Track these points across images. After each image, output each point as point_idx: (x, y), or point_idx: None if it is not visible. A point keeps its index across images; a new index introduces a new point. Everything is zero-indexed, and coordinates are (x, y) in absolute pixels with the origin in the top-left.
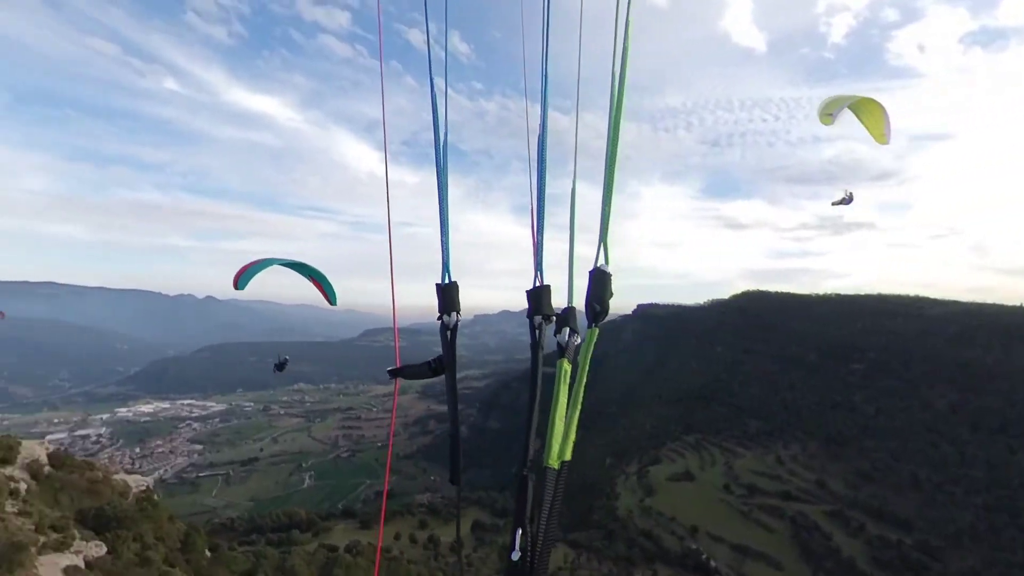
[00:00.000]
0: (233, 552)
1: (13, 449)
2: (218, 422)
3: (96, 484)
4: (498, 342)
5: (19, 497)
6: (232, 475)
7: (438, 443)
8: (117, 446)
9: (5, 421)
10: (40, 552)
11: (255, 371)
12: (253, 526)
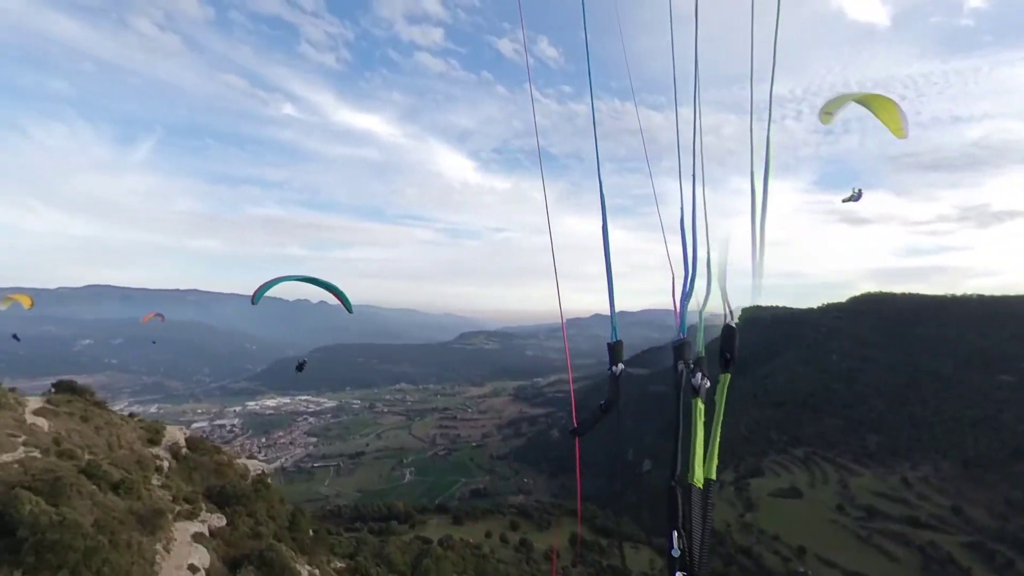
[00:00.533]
0: (338, 536)
1: (159, 433)
2: (330, 417)
3: (221, 466)
4: (591, 346)
5: (163, 473)
6: (342, 467)
7: (531, 445)
8: (247, 435)
9: (161, 409)
10: (175, 519)
11: (361, 371)
12: (357, 514)
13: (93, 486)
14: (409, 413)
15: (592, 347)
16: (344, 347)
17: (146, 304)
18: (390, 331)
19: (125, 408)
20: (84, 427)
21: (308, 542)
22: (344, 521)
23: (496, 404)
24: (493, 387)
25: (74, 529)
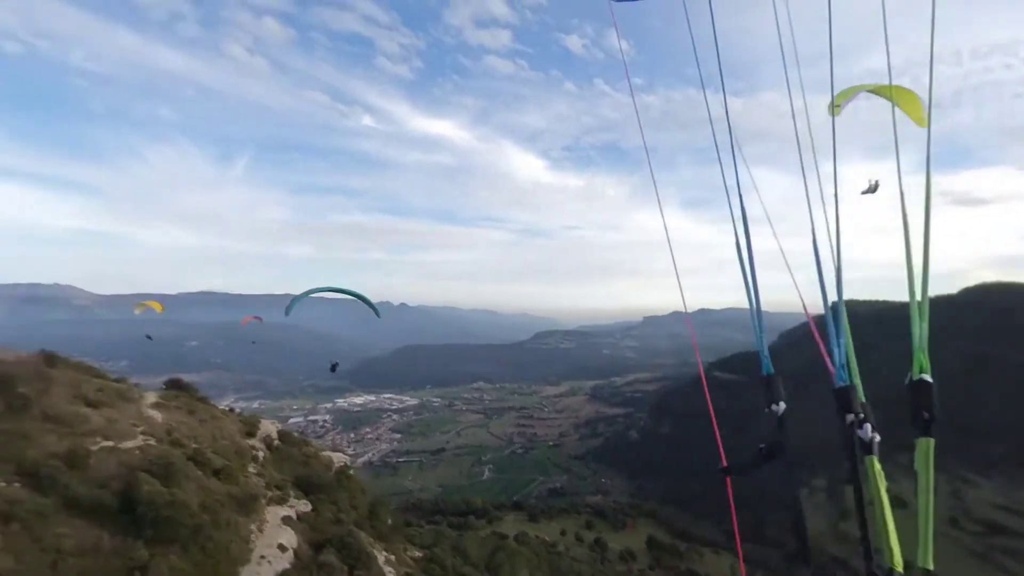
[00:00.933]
0: (419, 528)
1: (255, 426)
2: (412, 415)
3: (308, 458)
4: (669, 345)
5: (258, 462)
6: (424, 463)
7: (608, 445)
8: (338, 431)
9: (261, 405)
10: (268, 504)
11: (441, 370)
12: (438, 508)
13: (199, 472)
14: (487, 411)
15: (671, 346)
16: (424, 347)
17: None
18: (468, 331)
19: (231, 404)
20: (191, 419)
21: (386, 530)
22: (425, 514)
23: (572, 403)
24: (569, 386)
25: (183, 508)
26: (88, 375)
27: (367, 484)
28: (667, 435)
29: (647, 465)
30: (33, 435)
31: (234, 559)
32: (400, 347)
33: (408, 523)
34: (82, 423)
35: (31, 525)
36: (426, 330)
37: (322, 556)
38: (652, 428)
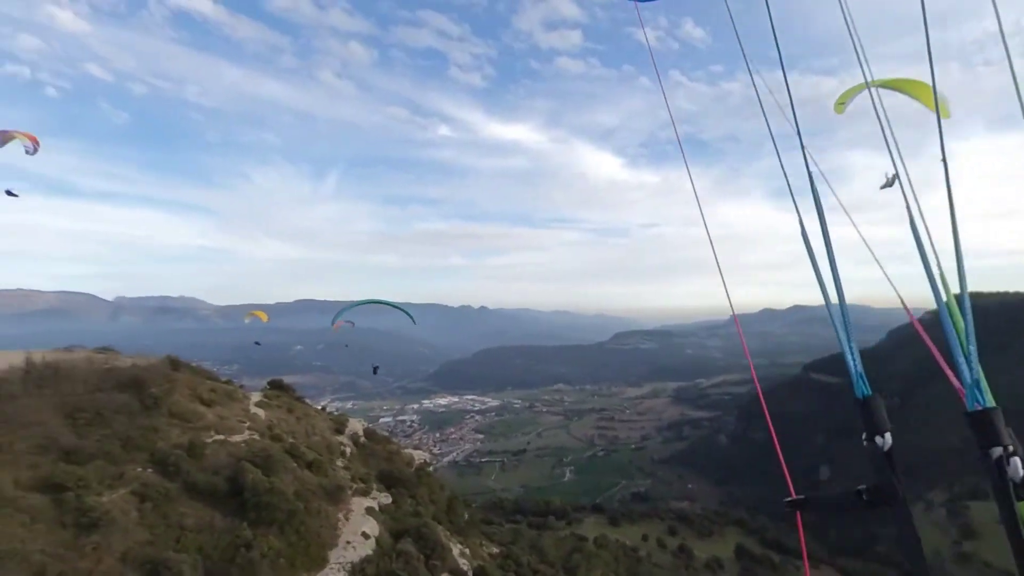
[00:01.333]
0: (499, 526)
1: (344, 424)
2: (494, 416)
3: (391, 454)
4: (759, 344)
5: (345, 457)
6: (506, 463)
7: (694, 449)
8: (424, 431)
9: (355, 406)
10: (353, 495)
11: (521, 372)
12: (518, 508)
13: (294, 463)
14: (567, 413)
15: (760, 345)
16: (504, 349)
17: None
18: (546, 333)
19: (328, 403)
20: (289, 417)
21: (463, 525)
22: (505, 513)
23: (655, 405)
24: (651, 388)
25: (280, 495)
26: (203, 377)
27: (451, 483)
28: (759, 440)
29: (737, 471)
30: (161, 429)
31: (323, 543)
32: (481, 349)
33: (489, 521)
34: (199, 419)
35: (161, 505)
36: (506, 332)
37: (400, 545)
38: (742, 433)
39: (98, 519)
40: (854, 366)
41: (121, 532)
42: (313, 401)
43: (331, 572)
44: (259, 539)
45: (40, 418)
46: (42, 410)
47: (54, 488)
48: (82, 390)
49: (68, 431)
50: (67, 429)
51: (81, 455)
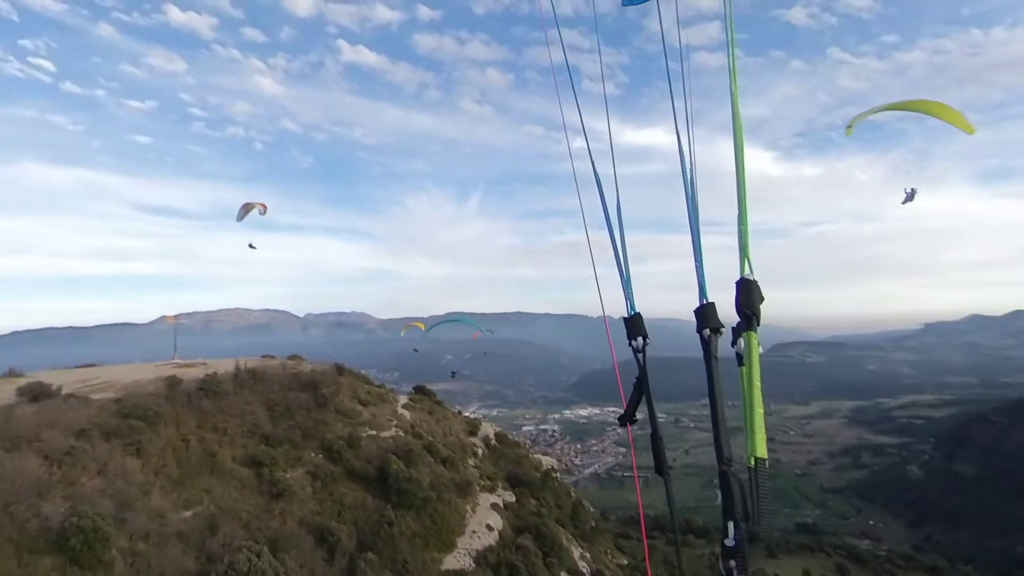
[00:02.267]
0: (637, 540)
1: (477, 427)
2: (636, 430)
3: (520, 458)
4: (964, 358)
5: (476, 456)
6: (650, 479)
7: (878, 480)
8: (566, 440)
9: (500, 413)
10: (480, 491)
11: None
12: (656, 524)
13: (431, 458)
14: None
15: (967, 360)
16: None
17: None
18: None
19: (475, 411)
20: (429, 418)
21: (587, 531)
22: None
23: (826, 427)
24: (820, 407)
25: (417, 484)
26: (362, 382)
27: (592, 495)
28: (967, 475)
29: (936, 511)
30: (329, 423)
31: (452, 529)
32: (622, 360)
33: (626, 535)
34: (357, 416)
35: (328, 485)
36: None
37: (520, 539)
38: (943, 465)
39: (283, 490)
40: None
41: (299, 502)
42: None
43: (458, 556)
44: (400, 520)
45: (247, 410)
46: (248, 404)
47: (255, 464)
48: (276, 389)
49: (266, 420)
50: (266, 419)
51: (274, 440)
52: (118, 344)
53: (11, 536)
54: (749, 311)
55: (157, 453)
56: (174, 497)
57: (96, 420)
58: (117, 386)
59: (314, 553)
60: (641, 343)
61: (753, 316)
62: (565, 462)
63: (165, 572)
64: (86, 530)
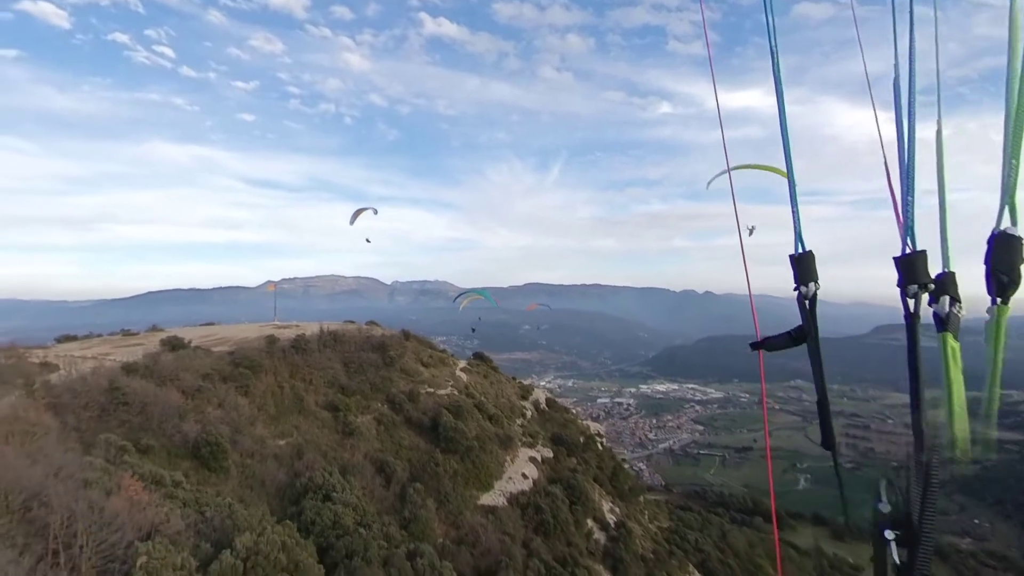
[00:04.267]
0: (696, 513)
1: (529, 392)
2: (716, 408)
3: (568, 422)
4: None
5: (524, 417)
6: (728, 459)
7: (990, 478)
8: (640, 415)
9: (575, 384)
10: (521, 445)
11: (751, 363)
12: (721, 500)
13: (479, 415)
14: (806, 414)
15: None
16: (733, 338)
17: (564, 297)
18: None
19: (551, 381)
20: (484, 382)
21: (625, 492)
22: (707, 504)
23: (934, 418)
24: (930, 395)
25: (463, 434)
26: (425, 346)
27: (666, 470)
28: None
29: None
30: (394, 379)
31: (491, 473)
32: (704, 337)
33: (686, 507)
34: (418, 375)
35: (390, 429)
36: (734, 319)
37: (551, 488)
38: None
39: (354, 430)
40: (797, 228)
41: (366, 441)
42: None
43: (493, 495)
44: (445, 461)
45: (328, 365)
46: (329, 360)
47: (333, 408)
48: (352, 349)
49: (343, 374)
50: (343, 373)
51: (349, 390)
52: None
53: (164, 444)
54: (1006, 276)
55: (260, 394)
56: (272, 428)
57: (216, 367)
58: (230, 341)
59: (374, 479)
60: (812, 289)
61: (1011, 283)
62: (639, 436)
63: (264, 480)
64: (212, 444)
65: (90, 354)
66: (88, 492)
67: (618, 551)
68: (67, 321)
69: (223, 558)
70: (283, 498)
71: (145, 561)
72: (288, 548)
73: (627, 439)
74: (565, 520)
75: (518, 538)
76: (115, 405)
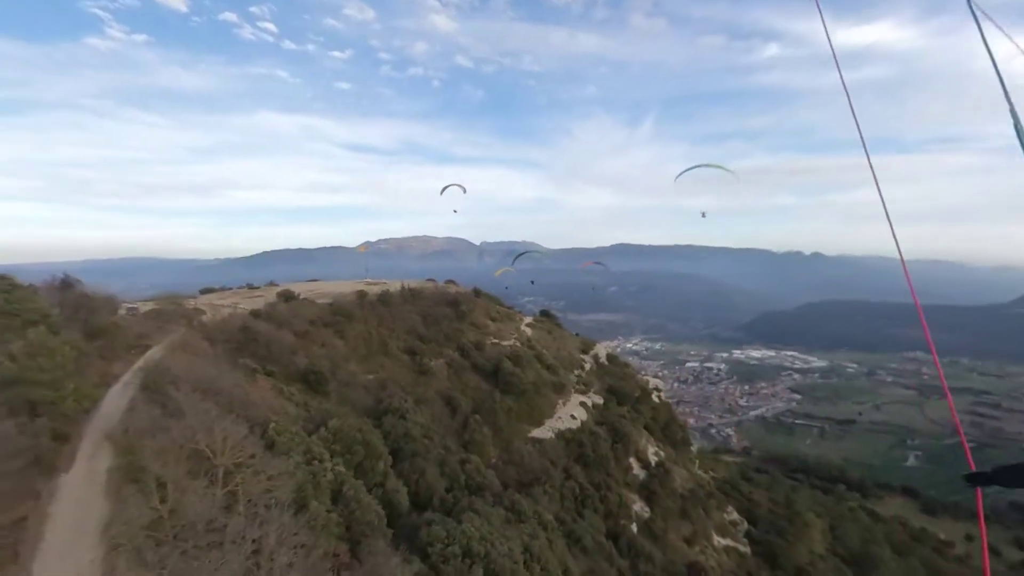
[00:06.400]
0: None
1: (591, 347)
2: (817, 377)
3: (627, 376)
4: None
5: (583, 369)
6: (827, 431)
7: None
8: (731, 380)
9: (663, 347)
10: (574, 392)
11: (862, 332)
12: (803, 467)
13: (538, 364)
14: (923, 388)
15: None
16: (841, 303)
17: (654, 259)
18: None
19: (638, 343)
20: (547, 336)
21: (676, 441)
22: (785, 469)
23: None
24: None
25: (520, 379)
26: (494, 303)
27: (757, 437)
28: None
29: None
30: (464, 331)
31: (543, 413)
32: (809, 302)
33: (761, 469)
34: (486, 328)
35: (458, 372)
36: (846, 284)
37: (596, 428)
38: None
39: (427, 371)
40: None
41: (437, 380)
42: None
43: (542, 430)
44: (501, 400)
45: (408, 317)
46: (409, 313)
47: (411, 352)
48: (429, 304)
49: (420, 325)
50: (420, 324)
51: (425, 338)
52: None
53: (282, 370)
54: None
55: (353, 338)
56: (362, 366)
57: (319, 315)
58: (330, 295)
59: (443, 410)
60: None
61: None
62: (728, 402)
63: (355, 403)
64: (316, 372)
65: (225, 303)
66: (240, 384)
67: (654, 485)
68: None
69: (320, 432)
70: (369, 416)
71: (273, 425)
72: (363, 431)
73: (715, 404)
74: (605, 455)
75: (559, 464)
76: (247, 341)
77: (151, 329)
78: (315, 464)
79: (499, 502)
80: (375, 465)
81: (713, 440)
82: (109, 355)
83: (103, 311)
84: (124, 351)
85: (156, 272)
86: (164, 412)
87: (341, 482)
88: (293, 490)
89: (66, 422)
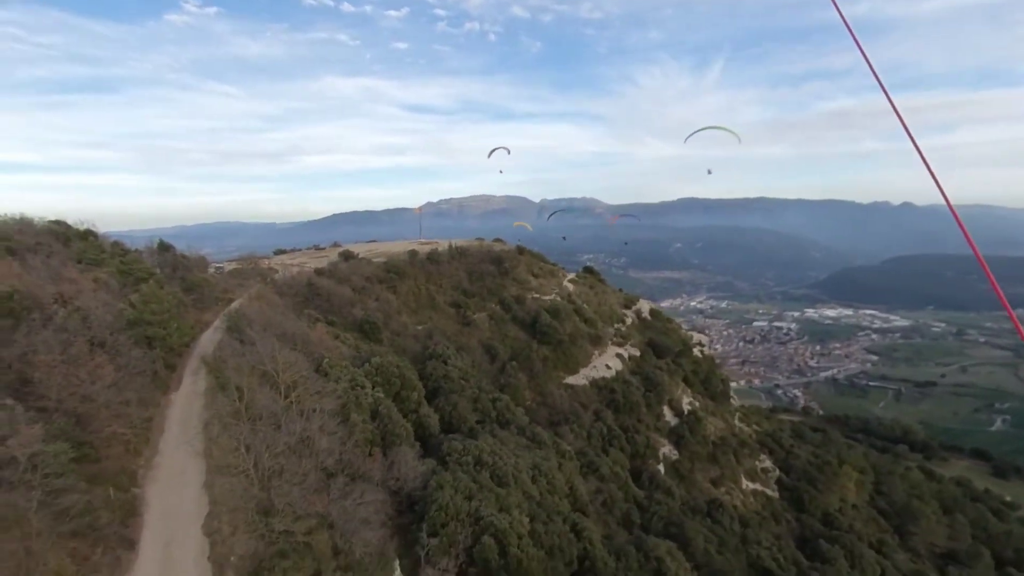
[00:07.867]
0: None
1: (633, 302)
2: (898, 337)
3: (669, 330)
4: None
5: (624, 324)
6: (904, 393)
7: None
8: (802, 340)
9: (729, 306)
10: (612, 344)
11: (953, 288)
12: (864, 428)
13: (576, 317)
14: (1020, 349)
15: None
16: (931, 258)
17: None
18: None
19: (703, 301)
20: (589, 292)
21: (715, 393)
22: (846, 429)
23: None
24: None
25: (556, 330)
26: (537, 260)
27: (826, 400)
28: None
29: None
30: (506, 286)
31: (578, 362)
32: (895, 256)
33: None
34: (527, 284)
35: (499, 324)
36: (939, 236)
37: (630, 377)
38: None
39: (471, 322)
40: None
41: (479, 331)
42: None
43: (577, 378)
44: (538, 349)
45: (455, 273)
46: (456, 269)
47: (456, 306)
48: (474, 261)
49: (466, 280)
50: (465, 279)
51: (469, 293)
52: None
53: (341, 321)
54: None
55: (404, 293)
56: (412, 318)
57: (375, 273)
58: (385, 255)
59: (483, 357)
60: None
61: None
62: (797, 362)
63: (406, 350)
64: (371, 323)
65: (294, 262)
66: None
67: (683, 431)
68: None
69: (364, 367)
70: (416, 361)
71: (327, 360)
72: (401, 367)
73: (783, 365)
74: (636, 402)
75: (590, 408)
76: (312, 295)
77: (233, 285)
78: (358, 389)
79: (522, 433)
80: (410, 395)
81: (779, 400)
82: (201, 305)
83: (195, 270)
84: (212, 303)
85: (239, 236)
86: (242, 344)
87: (378, 404)
88: (338, 404)
89: (172, 354)
